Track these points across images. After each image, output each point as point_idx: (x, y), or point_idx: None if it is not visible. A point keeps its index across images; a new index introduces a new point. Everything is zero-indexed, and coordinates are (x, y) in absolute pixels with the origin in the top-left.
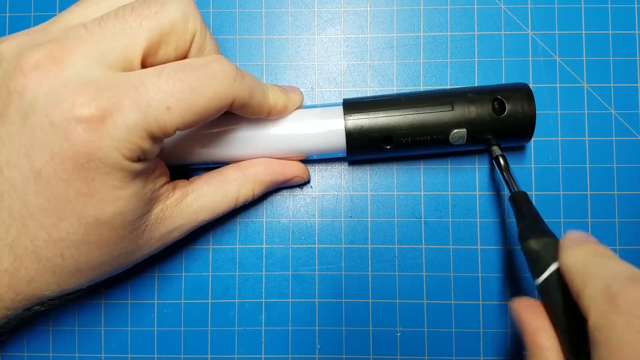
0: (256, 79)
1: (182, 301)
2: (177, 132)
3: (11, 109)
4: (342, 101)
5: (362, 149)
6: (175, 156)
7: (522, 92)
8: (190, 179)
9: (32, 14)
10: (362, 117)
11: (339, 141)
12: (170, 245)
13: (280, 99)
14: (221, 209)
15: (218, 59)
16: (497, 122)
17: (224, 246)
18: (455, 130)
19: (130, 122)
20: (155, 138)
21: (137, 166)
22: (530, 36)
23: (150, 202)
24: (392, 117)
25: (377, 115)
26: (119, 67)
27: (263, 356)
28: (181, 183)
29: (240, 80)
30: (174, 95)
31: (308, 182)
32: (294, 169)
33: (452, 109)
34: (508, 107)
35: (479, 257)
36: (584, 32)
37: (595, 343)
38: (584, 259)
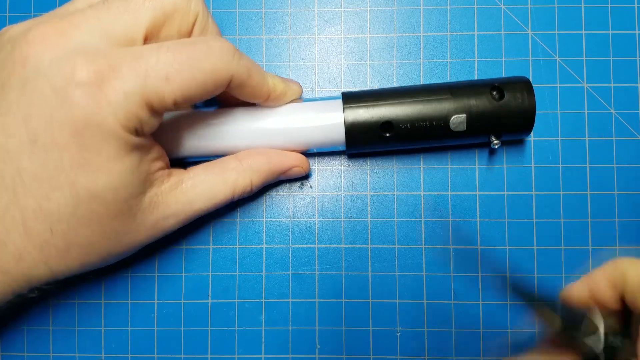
0: (255, 62)
1: (182, 301)
2: (177, 130)
3: (14, 77)
4: (341, 94)
5: (361, 138)
6: (174, 149)
7: (522, 83)
8: (188, 168)
9: (32, 14)
10: (361, 104)
11: (338, 132)
12: (170, 244)
13: (279, 84)
14: (218, 198)
15: (217, 37)
16: (497, 108)
17: (224, 246)
18: (455, 116)
19: (129, 89)
20: (153, 109)
21: (134, 139)
22: (530, 36)
23: (144, 184)
24: (392, 104)
25: (376, 103)
26: (121, 43)
27: (263, 356)
28: (178, 170)
29: (239, 58)
30: (172, 66)
31: (309, 176)
32: (293, 159)
33: (452, 96)
34: (507, 94)
35: (479, 257)
36: (584, 32)
37: None
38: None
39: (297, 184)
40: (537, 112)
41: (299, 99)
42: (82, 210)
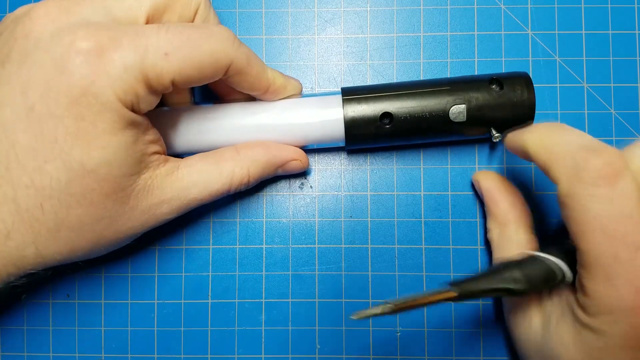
0: (255, 53)
1: (182, 301)
2: (175, 124)
3: (15, 51)
4: (340, 89)
5: (361, 133)
6: (172, 143)
7: (521, 77)
8: (185, 157)
9: None
10: (361, 99)
11: (338, 127)
12: (169, 244)
13: (279, 77)
14: (214, 187)
15: (219, 24)
16: (496, 99)
17: (224, 246)
18: (455, 106)
19: (128, 62)
20: (151, 86)
21: (130, 114)
22: (530, 36)
23: (139, 164)
24: (391, 97)
25: (375, 96)
26: (123, 23)
27: (263, 356)
28: (174, 158)
29: (239, 45)
30: (172, 44)
31: (307, 173)
32: (292, 152)
33: (451, 88)
34: (506, 86)
35: (479, 257)
36: (584, 32)
37: (564, 204)
38: (544, 136)
39: (297, 183)
40: (537, 112)
41: (299, 95)
42: (75, 186)
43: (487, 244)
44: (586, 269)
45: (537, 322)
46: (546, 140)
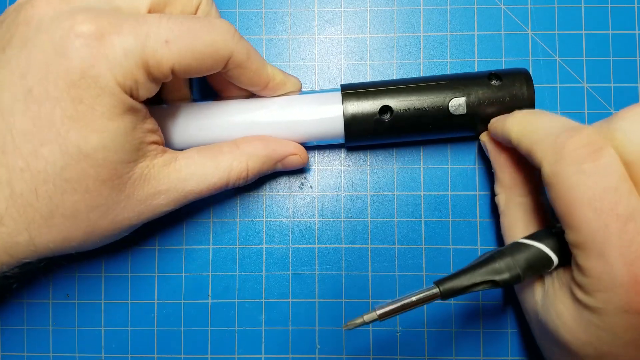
0: (255, 49)
1: (182, 301)
2: (175, 121)
3: (16, 37)
4: (340, 85)
5: (360, 129)
6: (172, 140)
7: (520, 73)
8: (183, 150)
9: None
10: (361, 94)
11: (338, 124)
12: (169, 244)
13: (279, 74)
14: (211, 180)
15: (220, 18)
16: (496, 92)
17: (224, 246)
18: (455, 99)
19: (128, 47)
20: (150, 73)
21: (128, 99)
22: (530, 36)
23: (137, 152)
24: (391, 91)
25: (375, 90)
26: (124, 12)
27: (263, 356)
28: (172, 150)
29: (239, 39)
30: (173, 32)
31: (306, 170)
32: (292, 147)
33: (450, 82)
34: (505, 80)
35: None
36: (584, 32)
37: (549, 185)
38: (525, 122)
39: (297, 183)
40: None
41: (298, 92)
42: (70, 171)
43: (494, 210)
44: (579, 247)
45: (538, 293)
46: (527, 126)
